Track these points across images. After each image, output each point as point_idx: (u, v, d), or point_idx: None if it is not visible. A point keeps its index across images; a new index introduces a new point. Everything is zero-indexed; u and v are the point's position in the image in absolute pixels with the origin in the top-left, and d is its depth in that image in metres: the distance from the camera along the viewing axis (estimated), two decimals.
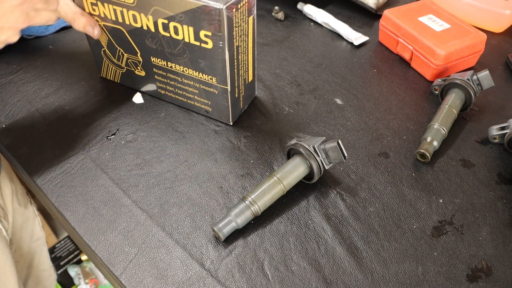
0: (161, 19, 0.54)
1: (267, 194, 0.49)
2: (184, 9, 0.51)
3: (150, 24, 0.56)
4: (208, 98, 0.60)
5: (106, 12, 0.59)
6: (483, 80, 0.63)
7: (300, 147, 0.51)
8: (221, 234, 0.47)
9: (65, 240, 1.26)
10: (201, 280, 0.45)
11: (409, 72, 0.74)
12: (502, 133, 0.60)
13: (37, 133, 0.59)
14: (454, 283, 0.46)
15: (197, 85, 0.59)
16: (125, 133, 0.60)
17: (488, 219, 0.52)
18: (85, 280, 1.20)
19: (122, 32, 0.60)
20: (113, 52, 0.64)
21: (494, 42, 0.81)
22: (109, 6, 0.58)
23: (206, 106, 0.61)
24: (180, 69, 0.59)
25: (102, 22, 0.61)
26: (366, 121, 0.64)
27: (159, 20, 0.55)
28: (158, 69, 0.61)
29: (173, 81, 0.61)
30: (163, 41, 0.57)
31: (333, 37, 0.81)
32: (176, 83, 0.61)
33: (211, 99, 0.60)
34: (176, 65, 0.59)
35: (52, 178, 0.54)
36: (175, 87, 0.62)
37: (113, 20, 0.59)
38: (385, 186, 0.55)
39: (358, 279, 0.45)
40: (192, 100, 0.62)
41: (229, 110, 0.60)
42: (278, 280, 0.45)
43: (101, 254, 0.47)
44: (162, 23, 0.55)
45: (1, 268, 0.66)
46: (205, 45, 0.53)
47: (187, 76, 0.59)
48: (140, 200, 0.52)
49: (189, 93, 0.61)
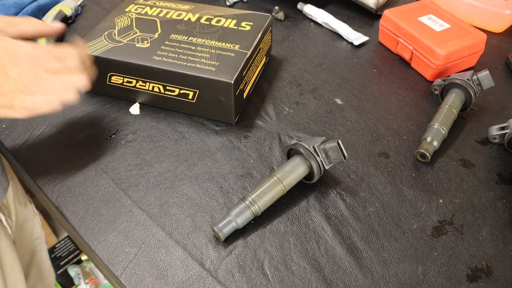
0: (206, 16, 0.65)
1: (267, 194, 0.49)
2: (234, 13, 0.67)
3: (194, 18, 0.64)
4: (218, 60, 0.59)
5: (149, 11, 0.67)
6: (483, 80, 0.63)
7: (300, 147, 0.51)
8: (221, 234, 0.47)
9: (65, 240, 1.26)
10: (201, 280, 0.45)
11: (409, 72, 0.74)
12: (502, 133, 0.60)
13: (37, 133, 0.59)
14: (454, 283, 0.46)
15: (213, 51, 0.60)
16: (125, 133, 0.60)
17: (488, 219, 0.52)
18: (85, 280, 1.20)
19: (154, 21, 0.65)
20: (123, 32, 0.64)
21: (494, 42, 0.81)
22: (157, 9, 0.67)
23: (210, 67, 0.58)
24: (200, 41, 0.62)
25: (136, 15, 0.67)
26: (366, 121, 0.64)
27: (204, 16, 0.65)
28: (172, 41, 0.62)
29: (182, 49, 0.60)
30: (199, 26, 0.64)
31: (333, 37, 0.81)
32: (184, 51, 0.60)
33: (221, 60, 0.59)
34: (198, 39, 0.62)
35: (52, 178, 0.54)
36: (180, 53, 0.60)
37: (152, 15, 0.66)
38: (385, 186, 0.55)
39: (358, 279, 0.45)
40: (195, 63, 0.58)
41: (237, 70, 0.57)
42: (278, 280, 0.45)
43: (101, 254, 0.47)
44: (207, 18, 0.65)
45: (10, 266, 0.66)
46: (243, 28, 0.64)
47: (205, 45, 0.61)
48: (140, 200, 0.52)
49: (196, 57, 0.59)
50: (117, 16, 0.67)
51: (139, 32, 0.63)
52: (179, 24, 0.65)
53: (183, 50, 0.60)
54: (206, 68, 0.57)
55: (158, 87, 0.60)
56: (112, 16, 0.67)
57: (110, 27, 0.65)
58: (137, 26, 0.65)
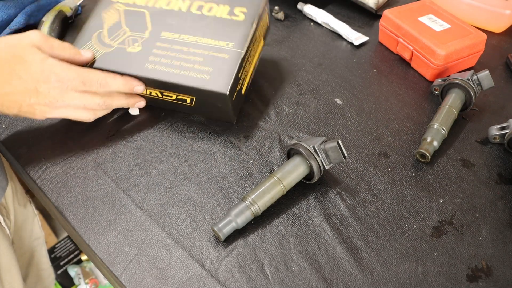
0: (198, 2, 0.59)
1: (267, 194, 0.49)
2: None
3: (184, 6, 0.59)
4: (211, 65, 0.57)
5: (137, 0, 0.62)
6: (483, 80, 0.63)
7: (300, 147, 0.51)
8: (221, 234, 0.47)
9: (65, 240, 1.26)
10: (201, 280, 0.45)
11: (409, 72, 0.74)
12: (502, 133, 0.60)
13: (37, 133, 0.59)
14: (454, 283, 0.46)
15: (206, 52, 0.57)
16: (125, 133, 0.60)
17: (488, 219, 0.52)
18: (85, 280, 1.20)
19: (143, 14, 0.60)
20: (113, 32, 0.61)
21: (494, 42, 0.81)
22: None
23: (204, 74, 0.56)
24: (193, 39, 0.58)
25: (124, 7, 0.62)
26: (366, 121, 0.64)
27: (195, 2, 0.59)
28: (163, 42, 0.59)
29: (175, 52, 0.58)
30: (190, 18, 0.59)
31: (333, 37, 0.81)
32: (177, 54, 0.58)
33: (215, 65, 0.57)
34: (190, 36, 0.59)
35: (52, 178, 0.54)
36: (173, 58, 0.58)
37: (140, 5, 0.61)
38: (385, 186, 0.55)
39: (358, 279, 0.45)
40: (189, 70, 0.56)
41: (232, 76, 0.55)
42: (278, 280, 0.45)
43: (101, 254, 0.47)
44: (198, 5, 0.59)
45: (7, 267, 0.66)
46: (237, 18, 0.59)
47: (198, 45, 0.58)
48: (140, 200, 0.52)
49: (189, 62, 0.57)
50: (104, 9, 0.63)
51: (129, 31, 0.60)
52: (170, 17, 0.60)
53: (175, 53, 0.58)
54: (200, 77, 0.56)
55: (155, 92, 0.59)
56: (99, 9, 0.63)
57: (99, 26, 0.61)
58: (126, 23, 0.61)
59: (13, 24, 0.69)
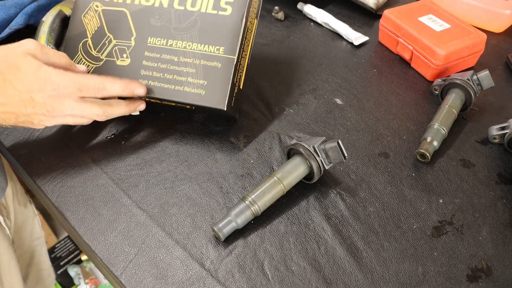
0: None
1: (267, 194, 0.49)
2: None
3: (165, 1, 0.55)
4: (205, 77, 0.55)
5: None
6: (483, 80, 0.63)
7: (300, 147, 0.51)
8: (221, 234, 0.47)
9: (65, 240, 1.26)
10: (201, 280, 0.45)
11: (409, 72, 0.74)
12: (502, 133, 0.60)
13: (37, 133, 0.59)
14: (454, 283, 0.46)
15: (197, 62, 0.56)
16: (125, 133, 0.60)
17: (488, 219, 0.52)
18: (85, 280, 1.20)
19: (124, 14, 0.57)
20: (98, 41, 0.59)
21: (494, 42, 0.81)
22: None
23: (199, 89, 0.55)
24: (181, 45, 0.56)
25: (102, 6, 0.58)
26: (366, 121, 0.64)
27: None
28: (151, 52, 0.57)
29: (165, 64, 0.56)
30: (174, 16, 0.56)
31: (333, 37, 0.81)
32: (168, 66, 0.56)
33: (209, 77, 0.55)
34: (178, 42, 0.56)
35: (52, 178, 0.54)
36: (164, 71, 0.56)
37: (118, 2, 0.57)
38: (385, 186, 0.55)
39: (358, 279, 0.45)
40: (183, 84, 0.56)
41: (227, 88, 0.54)
42: (278, 280, 0.45)
43: (101, 254, 0.47)
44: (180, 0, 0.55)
45: (7, 267, 0.66)
46: (223, 12, 0.55)
47: (187, 53, 0.56)
48: (140, 200, 0.52)
49: (182, 75, 0.56)
50: (83, 11, 0.60)
51: (114, 39, 0.58)
52: (152, 17, 0.57)
53: (166, 64, 0.56)
54: (195, 92, 0.55)
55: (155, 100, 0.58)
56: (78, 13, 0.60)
57: (82, 34, 0.59)
58: (108, 28, 0.58)
59: (13, 24, 0.69)
